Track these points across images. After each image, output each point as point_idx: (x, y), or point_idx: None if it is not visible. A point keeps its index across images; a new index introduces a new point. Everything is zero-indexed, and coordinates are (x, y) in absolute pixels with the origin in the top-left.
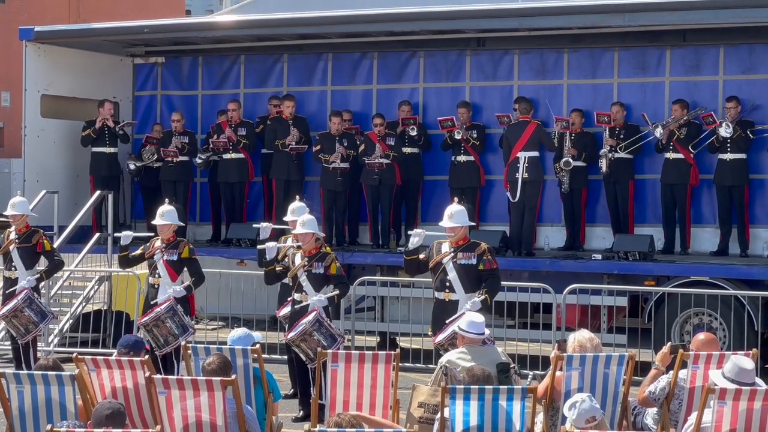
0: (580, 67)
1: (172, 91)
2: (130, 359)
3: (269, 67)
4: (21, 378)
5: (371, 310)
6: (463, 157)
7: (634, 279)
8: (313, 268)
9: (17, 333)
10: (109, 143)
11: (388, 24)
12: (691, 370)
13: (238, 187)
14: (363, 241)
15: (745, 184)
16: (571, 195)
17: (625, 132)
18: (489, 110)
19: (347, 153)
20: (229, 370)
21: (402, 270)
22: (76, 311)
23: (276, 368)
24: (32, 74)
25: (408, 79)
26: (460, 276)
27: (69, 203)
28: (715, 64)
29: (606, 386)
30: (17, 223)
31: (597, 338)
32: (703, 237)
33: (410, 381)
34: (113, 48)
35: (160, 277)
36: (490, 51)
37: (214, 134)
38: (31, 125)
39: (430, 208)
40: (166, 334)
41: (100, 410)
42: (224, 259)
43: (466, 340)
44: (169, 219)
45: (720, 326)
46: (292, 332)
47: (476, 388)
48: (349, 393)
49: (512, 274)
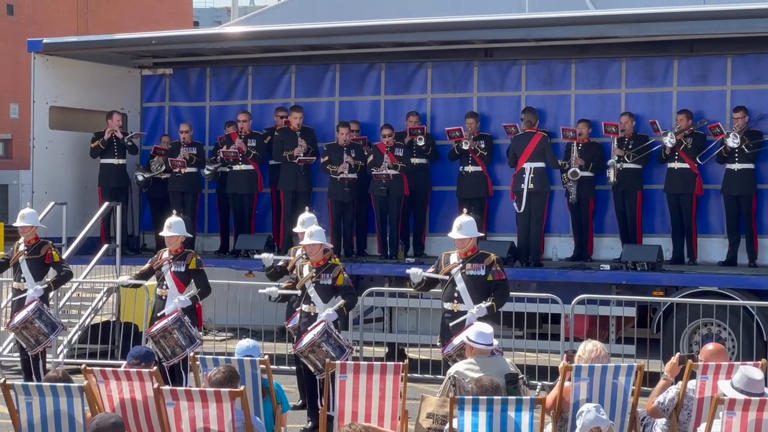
0: (588, 78)
1: (179, 102)
2: (139, 370)
3: (277, 78)
4: (30, 390)
5: (379, 320)
6: (471, 167)
7: (642, 289)
8: (321, 279)
9: (27, 344)
10: (117, 155)
11: (395, 35)
12: (700, 381)
13: (248, 198)
14: (371, 252)
15: (753, 194)
16: (579, 205)
17: (634, 142)
18: (497, 121)
19: (355, 163)
20: (235, 380)
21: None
22: (85, 323)
23: (284, 379)
24: (41, 86)
25: (416, 90)
26: (469, 287)
27: (77, 215)
28: (723, 74)
29: (615, 397)
30: (26, 235)
31: (606, 349)
32: (711, 247)
33: (419, 392)
34: (121, 59)
35: (167, 288)
36: (498, 61)
37: (223, 145)
38: (39, 137)
39: (438, 218)
40: (173, 345)
41: (100, 423)
42: (232, 270)
43: (475, 350)
44: (176, 230)
45: (729, 336)
46: (300, 343)
47: (485, 399)
48: (357, 404)
49: (520, 285)
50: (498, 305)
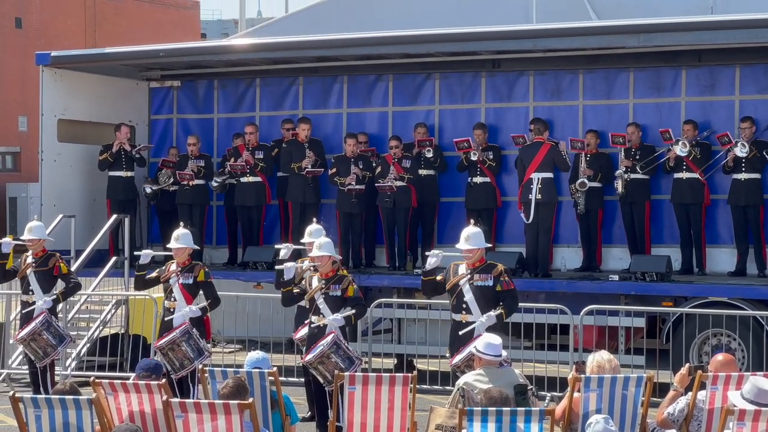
0: (595, 88)
1: (187, 114)
2: (148, 383)
3: (285, 89)
4: (39, 402)
5: (388, 332)
6: (479, 178)
7: (651, 300)
8: (330, 290)
9: (35, 356)
10: (125, 167)
11: (403, 46)
12: (710, 392)
13: (256, 210)
14: (380, 263)
15: (760, 203)
16: (587, 216)
17: (641, 152)
18: (505, 131)
19: (363, 175)
20: (244, 393)
21: (419, 292)
22: (94, 335)
23: (293, 391)
24: (49, 99)
25: (423, 101)
26: (477, 298)
27: (86, 227)
28: (731, 84)
29: (624, 408)
30: (34, 248)
31: (615, 359)
32: (720, 257)
33: (427, 403)
34: (129, 72)
35: (175, 300)
36: (506, 72)
37: (231, 158)
38: (47, 150)
39: (447, 229)
40: (181, 357)
41: None
42: (241, 282)
43: (484, 361)
44: (184, 242)
45: (738, 347)
46: (309, 354)
47: (494, 410)
48: (366, 415)
49: (529, 296)
50: (507, 314)
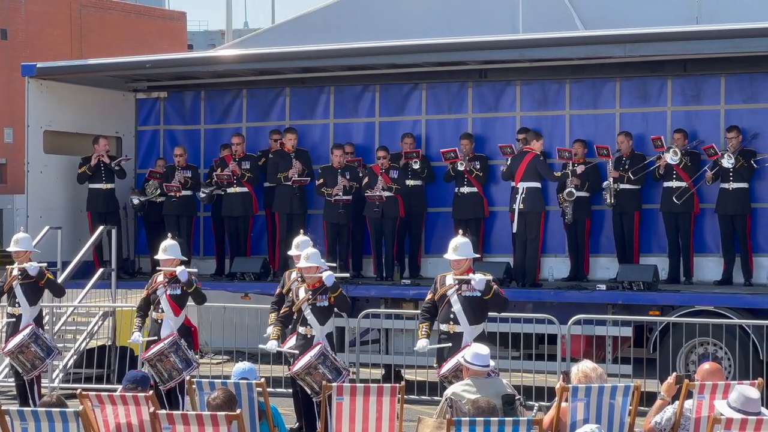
0: (582, 98)
1: (174, 125)
2: (135, 395)
3: (271, 100)
4: (25, 415)
5: (376, 342)
6: (467, 188)
7: (638, 309)
8: (318, 301)
9: (23, 369)
10: (105, 179)
11: (390, 57)
12: (697, 400)
13: (243, 221)
14: (367, 274)
15: (748, 213)
16: (575, 225)
17: (631, 161)
18: (492, 141)
19: (350, 185)
20: (234, 404)
21: (406, 302)
22: (80, 347)
23: (281, 402)
24: (35, 110)
25: (410, 112)
26: (465, 308)
27: (72, 239)
28: (716, 93)
29: (612, 417)
30: (20, 260)
31: (601, 368)
32: (707, 266)
33: (415, 413)
34: (115, 83)
35: (163, 312)
36: (492, 82)
37: (218, 168)
38: (33, 161)
39: (434, 240)
40: (169, 368)
41: None
42: (228, 292)
43: (471, 371)
44: (171, 254)
45: (725, 356)
46: (297, 365)
47: (481, 420)
48: (354, 426)
49: (516, 306)
50: (496, 296)
